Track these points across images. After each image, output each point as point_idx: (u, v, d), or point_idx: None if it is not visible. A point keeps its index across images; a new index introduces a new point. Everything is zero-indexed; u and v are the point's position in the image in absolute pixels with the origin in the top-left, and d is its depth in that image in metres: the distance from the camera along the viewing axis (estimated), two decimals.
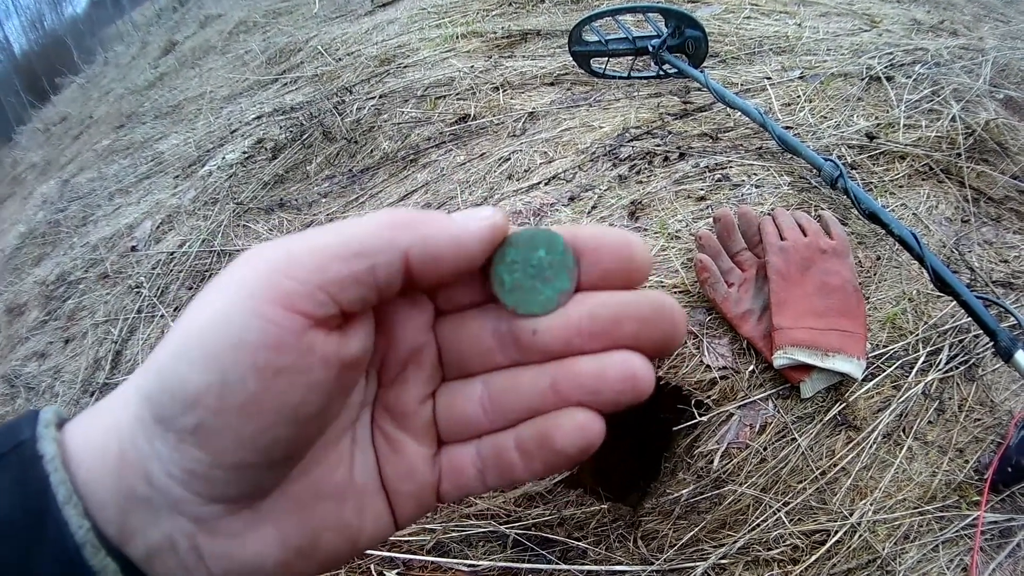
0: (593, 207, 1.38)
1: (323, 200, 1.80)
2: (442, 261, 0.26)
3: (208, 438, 0.23)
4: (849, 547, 0.99)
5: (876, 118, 1.51)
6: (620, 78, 1.84)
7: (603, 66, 1.86)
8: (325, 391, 0.25)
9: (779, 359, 1.05)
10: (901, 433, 1.07)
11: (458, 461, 0.30)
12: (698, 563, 1.02)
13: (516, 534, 1.09)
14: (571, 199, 1.41)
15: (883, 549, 0.98)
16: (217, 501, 0.25)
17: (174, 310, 1.74)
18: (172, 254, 1.90)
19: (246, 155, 2.14)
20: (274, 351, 0.23)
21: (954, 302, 1.09)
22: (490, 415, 0.29)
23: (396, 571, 1.08)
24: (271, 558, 0.26)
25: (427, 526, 1.12)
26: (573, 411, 0.26)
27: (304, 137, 2.05)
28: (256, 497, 0.26)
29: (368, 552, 1.10)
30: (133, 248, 2.05)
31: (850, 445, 1.05)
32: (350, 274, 0.24)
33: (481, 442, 0.29)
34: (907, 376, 1.11)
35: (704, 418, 1.10)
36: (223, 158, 2.21)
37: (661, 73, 1.78)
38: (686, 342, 1.15)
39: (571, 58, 1.85)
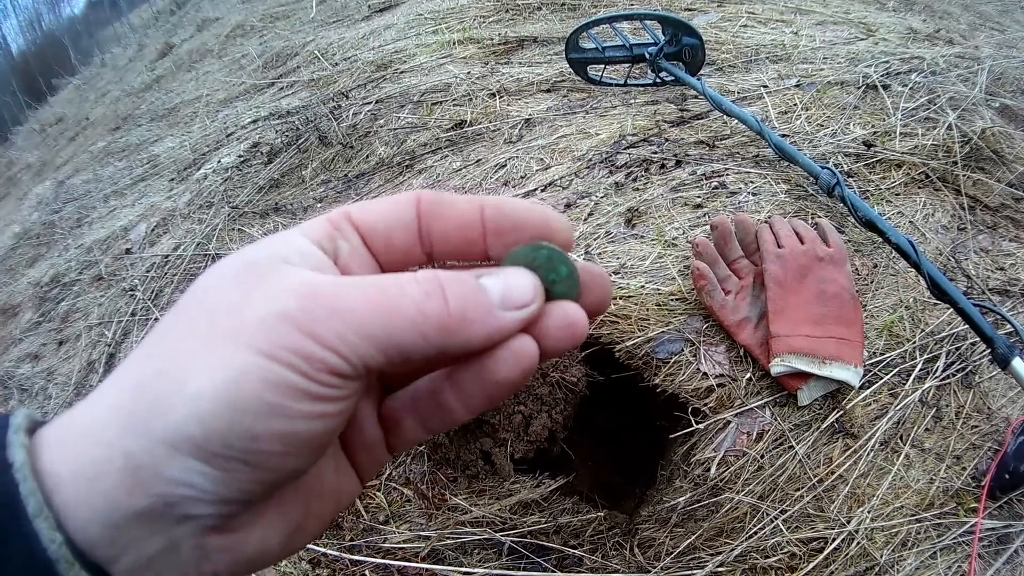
0: (590, 214, 1.38)
1: (318, 205, 1.79)
2: (471, 351, 0.27)
3: (260, 473, 0.24)
4: (847, 555, 0.99)
5: (872, 126, 1.52)
6: (617, 85, 1.84)
7: (600, 73, 1.86)
8: (351, 412, 0.27)
9: (776, 367, 1.05)
10: (898, 440, 1.07)
11: (396, 414, 0.32)
12: (695, 571, 1.02)
13: (512, 542, 1.09)
14: (567, 206, 1.41)
15: (881, 556, 0.98)
16: (238, 509, 0.25)
17: None
18: (167, 257, 1.89)
19: (242, 159, 2.13)
20: (328, 401, 0.25)
21: (951, 309, 1.09)
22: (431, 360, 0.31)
23: None
24: (274, 543, 0.27)
25: (422, 533, 1.11)
26: (507, 341, 0.28)
27: (300, 141, 2.05)
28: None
29: (362, 559, 1.09)
30: (127, 250, 2.04)
31: (847, 453, 1.05)
32: (387, 360, 0.25)
33: (415, 388, 0.31)
34: (904, 383, 1.11)
35: (701, 426, 1.10)
36: (219, 161, 2.20)
37: (658, 81, 1.78)
38: (683, 349, 1.14)
39: (568, 65, 1.85)
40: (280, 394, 0.23)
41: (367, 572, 1.09)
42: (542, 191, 1.48)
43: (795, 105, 1.61)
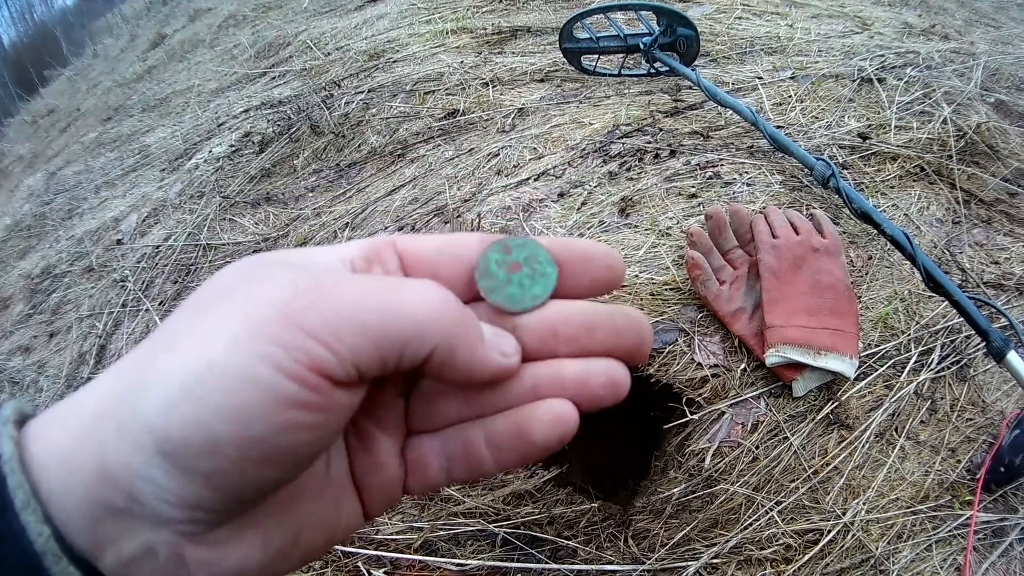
0: (583, 203, 1.37)
1: (310, 194, 1.78)
2: (456, 373, 0.26)
3: (220, 480, 0.22)
4: (842, 546, 0.99)
5: (867, 119, 1.51)
6: (611, 75, 1.83)
7: (594, 63, 1.85)
8: (337, 434, 0.25)
9: (771, 357, 1.05)
10: (893, 432, 1.07)
11: (423, 456, 0.30)
12: (690, 562, 1.01)
13: (505, 533, 1.08)
14: (560, 195, 1.40)
15: (876, 548, 0.98)
16: (209, 519, 0.24)
17: (159, 304, 1.71)
18: (158, 248, 1.87)
19: (233, 148, 2.11)
20: (304, 410, 0.23)
21: (946, 302, 1.09)
22: (463, 409, 0.29)
23: (383, 570, 1.06)
24: (254, 561, 0.26)
25: (415, 524, 1.10)
26: (549, 402, 0.27)
27: (292, 131, 2.03)
28: (247, 511, 0.25)
29: (355, 551, 1.08)
30: (119, 241, 2.02)
31: (842, 444, 1.05)
32: (381, 359, 0.24)
33: (446, 435, 0.29)
34: (899, 375, 1.11)
35: (695, 416, 1.09)
36: (210, 151, 2.18)
37: (652, 71, 1.77)
38: (677, 339, 1.14)
39: (562, 55, 1.84)
40: (246, 393, 0.21)
41: (360, 564, 1.08)
42: (535, 180, 1.47)
43: (790, 97, 1.61)
